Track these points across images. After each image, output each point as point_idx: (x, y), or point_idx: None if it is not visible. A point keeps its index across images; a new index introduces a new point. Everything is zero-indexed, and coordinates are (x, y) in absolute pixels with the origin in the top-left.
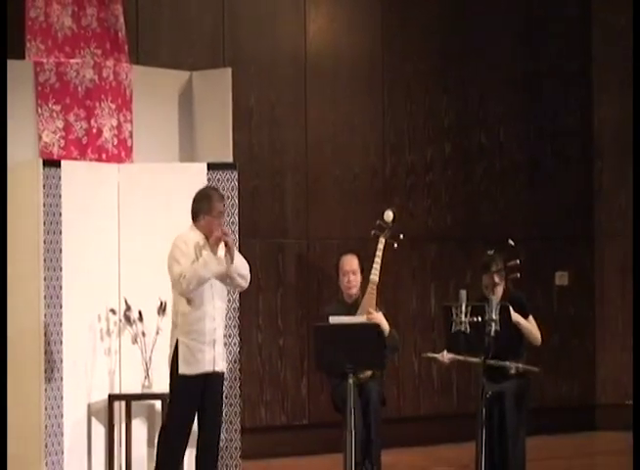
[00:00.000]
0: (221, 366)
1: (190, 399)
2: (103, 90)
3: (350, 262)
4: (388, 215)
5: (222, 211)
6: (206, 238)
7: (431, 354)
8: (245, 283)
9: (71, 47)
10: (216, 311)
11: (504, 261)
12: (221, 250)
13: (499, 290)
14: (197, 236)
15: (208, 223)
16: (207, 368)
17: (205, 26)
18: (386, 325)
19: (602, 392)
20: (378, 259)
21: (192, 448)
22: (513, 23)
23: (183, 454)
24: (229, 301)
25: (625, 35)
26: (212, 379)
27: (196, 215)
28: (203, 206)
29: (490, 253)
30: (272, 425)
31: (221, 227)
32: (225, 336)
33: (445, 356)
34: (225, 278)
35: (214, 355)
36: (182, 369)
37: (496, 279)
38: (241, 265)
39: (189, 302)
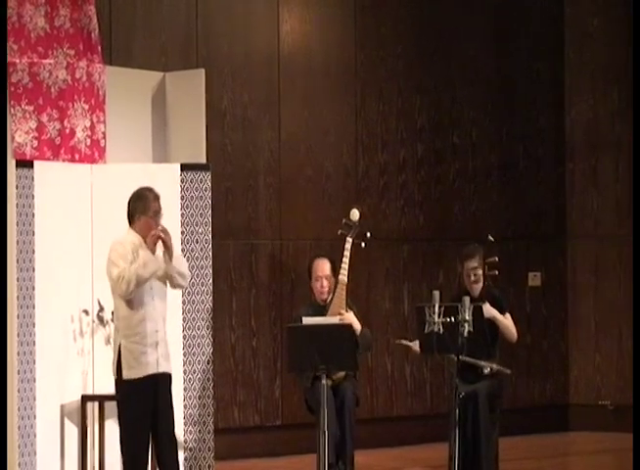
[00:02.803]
0: (165, 367)
1: (140, 403)
2: (76, 91)
3: (323, 268)
4: (355, 214)
5: (158, 210)
6: (144, 239)
7: (404, 342)
8: (184, 282)
9: (44, 47)
10: (157, 313)
11: (483, 258)
12: (159, 249)
13: (478, 287)
14: (134, 238)
15: (145, 224)
16: (151, 370)
17: (178, 27)
18: (357, 324)
19: (575, 392)
20: (346, 259)
21: None
22: (485, 25)
23: (147, 460)
24: (202, 301)
25: (598, 36)
26: (159, 381)
27: (132, 217)
28: (138, 206)
29: (475, 245)
30: (245, 426)
31: (159, 226)
32: (197, 337)
33: (418, 345)
34: (165, 278)
35: (157, 357)
36: (126, 374)
37: (478, 272)
38: (180, 263)
39: (129, 304)
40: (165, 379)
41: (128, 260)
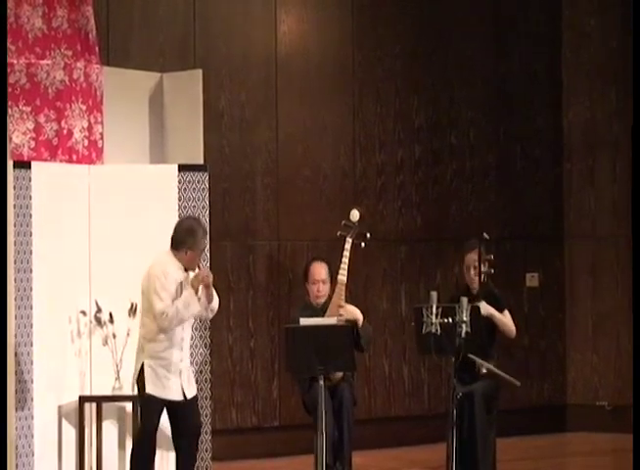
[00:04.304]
0: (190, 392)
1: (154, 419)
2: (73, 91)
3: (320, 272)
4: (354, 215)
5: (204, 247)
6: (186, 270)
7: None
8: (211, 315)
9: (42, 48)
10: (184, 342)
11: (479, 256)
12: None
13: (477, 281)
14: (175, 266)
15: (191, 258)
16: (175, 397)
17: (175, 28)
18: (359, 316)
19: (572, 393)
20: (345, 260)
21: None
22: (483, 25)
23: (152, 463)
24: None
25: (595, 37)
26: (183, 406)
27: (178, 246)
28: (188, 240)
29: (476, 239)
30: (243, 427)
31: (203, 268)
32: (195, 337)
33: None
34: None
35: (181, 384)
36: (149, 389)
37: (475, 265)
38: (216, 304)
39: (162, 329)
40: (191, 403)
41: (171, 293)
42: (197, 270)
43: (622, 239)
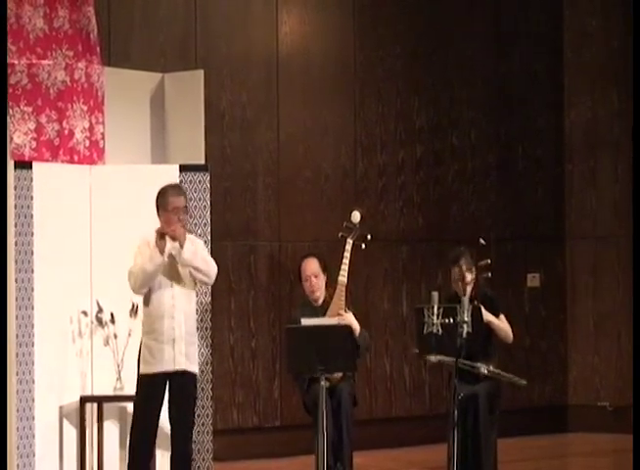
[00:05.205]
0: (184, 365)
1: (150, 399)
2: (75, 92)
3: (310, 266)
4: (356, 216)
5: (178, 205)
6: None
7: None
8: (205, 277)
9: (43, 49)
10: (176, 310)
11: (475, 261)
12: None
13: (468, 289)
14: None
15: (165, 220)
16: (167, 367)
17: (176, 28)
18: (356, 325)
19: (573, 393)
20: (346, 261)
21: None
22: (484, 25)
23: (150, 453)
24: (201, 302)
25: (596, 37)
26: (176, 378)
27: (157, 213)
28: (159, 202)
29: (460, 248)
30: (244, 427)
31: (173, 222)
32: (195, 336)
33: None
34: (178, 274)
35: (174, 355)
36: (141, 369)
37: (467, 276)
38: (193, 258)
39: (145, 302)
40: (184, 377)
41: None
42: (186, 241)
43: (623, 239)
